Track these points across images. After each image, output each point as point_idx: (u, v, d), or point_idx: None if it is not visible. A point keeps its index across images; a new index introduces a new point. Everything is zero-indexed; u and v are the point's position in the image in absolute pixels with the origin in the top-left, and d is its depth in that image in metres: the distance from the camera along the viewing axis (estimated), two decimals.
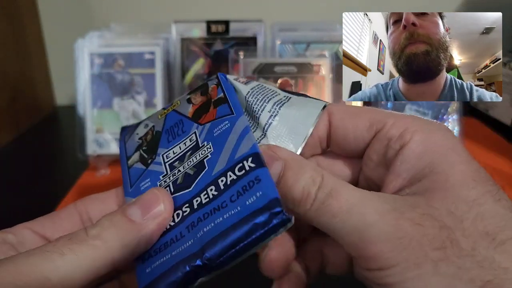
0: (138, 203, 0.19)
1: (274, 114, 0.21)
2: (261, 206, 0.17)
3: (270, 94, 0.22)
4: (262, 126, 0.21)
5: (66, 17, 0.76)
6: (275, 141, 0.21)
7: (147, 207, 0.18)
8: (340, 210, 0.17)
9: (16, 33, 0.68)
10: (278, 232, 0.17)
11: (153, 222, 0.18)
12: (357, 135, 0.20)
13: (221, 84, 0.23)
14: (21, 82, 0.69)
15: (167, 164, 0.21)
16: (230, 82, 0.23)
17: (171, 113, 0.24)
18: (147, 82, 0.51)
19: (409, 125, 0.19)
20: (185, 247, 0.18)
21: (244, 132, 0.20)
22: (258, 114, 0.21)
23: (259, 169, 0.18)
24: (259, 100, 0.22)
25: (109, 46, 0.52)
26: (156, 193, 0.19)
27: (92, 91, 0.51)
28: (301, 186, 0.18)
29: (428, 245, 0.16)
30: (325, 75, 0.46)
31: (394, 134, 0.19)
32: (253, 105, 0.22)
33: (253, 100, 0.22)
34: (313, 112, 0.21)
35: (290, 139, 0.21)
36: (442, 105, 0.48)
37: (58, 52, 0.78)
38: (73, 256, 0.16)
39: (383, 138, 0.19)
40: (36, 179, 0.53)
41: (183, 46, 0.52)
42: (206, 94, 0.23)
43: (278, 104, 0.21)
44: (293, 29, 0.52)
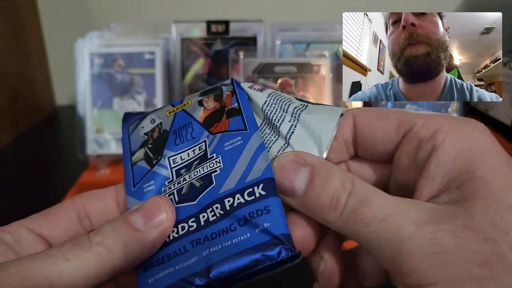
0: (141, 210, 0.18)
1: (295, 122, 0.21)
2: (269, 239, 0.17)
3: (287, 102, 0.21)
4: (284, 136, 0.20)
5: (66, 17, 0.76)
6: (299, 149, 0.20)
7: (150, 215, 0.18)
8: (373, 220, 0.16)
9: (16, 33, 0.68)
10: (285, 266, 0.17)
11: (156, 230, 0.18)
12: (385, 137, 0.19)
13: (236, 92, 0.22)
14: (21, 82, 0.69)
15: (174, 170, 0.21)
16: (245, 90, 0.22)
17: (181, 112, 0.23)
18: (147, 82, 0.51)
19: (441, 124, 0.17)
20: (189, 264, 0.18)
21: (258, 152, 0.19)
22: (278, 124, 0.21)
23: (270, 198, 0.18)
24: (277, 110, 0.21)
25: (109, 46, 0.52)
26: (158, 201, 0.19)
27: (92, 91, 0.51)
28: (330, 193, 0.17)
29: (472, 261, 0.14)
30: (325, 75, 0.46)
31: (425, 134, 0.18)
32: (272, 114, 0.21)
33: (271, 110, 0.21)
34: (333, 117, 0.20)
35: (314, 145, 0.20)
36: (442, 105, 0.48)
37: (58, 52, 0.78)
38: (77, 262, 0.16)
39: (413, 140, 0.18)
40: (36, 179, 0.53)
41: (183, 46, 0.52)
42: (220, 100, 0.22)
43: (297, 112, 0.21)
44: (293, 29, 0.52)
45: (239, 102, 0.21)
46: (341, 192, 0.17)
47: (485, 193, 0.16)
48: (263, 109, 0.21)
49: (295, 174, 0.18)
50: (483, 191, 0.16)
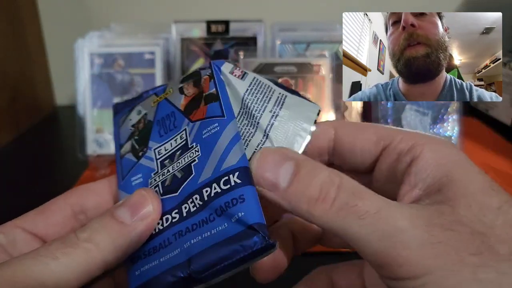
0: (127, 204, 0.19)
1: (276, 114, 0.20)
2: (244, 229, 0.17)
3: (268, 92, 0.21)
4: (264, 128, 0.20)
5: (66, 17, 0.76)
6: (279, 145, 0.20)
7: (135, 208, 0.18)
8: (367, 213, 0.16)
9: (16, 33, 0.68)
10: (262, 255, 0.17)
11: (142, 223, 0.18)
12: (364, 150, 0.20)
13: (214, 77, 0.21)
14: (21, 82, 0.69)
15: (159, 161, 0.21)
16: (224, 74, 0.22)
17: (163, 102, 0.23)
18: (147, 82, 0.51)
19: (418, 139, 0.18)
20: (172, 256, 0.18)
21: (234, 140, 0.19)
22: (259, 114, 0.20)
23: (245, 187, 0.17)
24: (259, 99, 0.21)
25: (109, 46, 0.52)
26: (144, 194, 0.19)
27: (92, 91, 0.51)
28: (318, 185, 0.17)
29: (464, 250, 0.15)
30: (325, 75, 0.46)
31: (403, 148, 0.19)
32: (253, 103, 0.21)
33: (252, 99, 0.21)
34: (310, 117, 0.21)
35: (292, 142, 0.20)
36: (442, 105, 0.48)
37: (58, 52, 0.78)
38: (66, 260, 0.16)
39: (393, 153, 0.19)
40: (36, 179, 0.53)
41: (183, 46, 0.52)
42: (198, 85, 0.22)
43: (278, 104, 0.21)
44: (293, 29, 0.52)
45: (217, 87, 0.21)
46: (329, 185, 0.17)
47: (466, 193, 0.16)
48: (244, 98, 0.21)
49: (279, 167, 0.18)
50: (463, 192, 0.16)
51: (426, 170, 0.17)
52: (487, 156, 0.54)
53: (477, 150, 0.55)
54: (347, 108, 0.50)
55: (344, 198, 0.16)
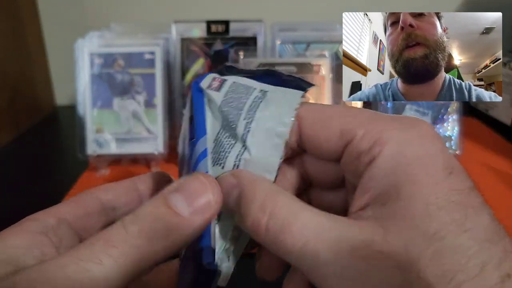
0: (184, 191, 0.17)
1: (250, 120, 0.20)
2: (198, 249, 0.17)
3: (244, 96, 0.20)
4: (241, 137, 0.20)
5: (66, 17, 0.77)
6: (257, 151, 0.19)
7: (194, 198, 0.17)
8: (293, 248, 0.16)
9: (16, 33, 0.68)
10: (216, 279, 0.18)
11: (200, 218, 0.16)
12: (329, 146, 0.19)
13: (191, 97, 0.21)
14: (21, 82, 0.69)
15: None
16: (204, 90, 0.21)
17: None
18: (147, 82, 0.51)
19: (380, 135, 0.17)
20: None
21: (199, 160, 0.19)
22: (234, 125, 0.20)
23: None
24: (233, 108, 0.20)
25: (109, 46, 0.52)
26: (203, 180, 0.17)
27: (92, 91, 0.51)
28: (251, 216, 0.17)
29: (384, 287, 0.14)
30: (325, 75, 0.46)
31: (364, 147, 0.17)
32: (229, 115, 0.20)
33: (227, 110, 0.20)
34: (291, 108, 0.19)
35: (270, 145, 0.19)
36: (442, 105, 0.48)
37: (58, 52, 0.78)
38: (112, 263, 0.14)
39: (354, 151, 0.18)
40: (36, 179, 0.53)
41: (183, 46, 0.52)
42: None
43: (253, 107, 0.20)
44: (293, 29, 0.52)
45: (192, 109, 0.21)
46: (260, 216, 0.17)
47: (404, 216, 0.15)
48: (220, 110, 0.20)
49: (228, 196, 0.18)
50: (403, 214, 0.15)
51: (377, 179, 0.16)
52: (487, 156, 0.54)
53: (477, 150, 0.55)
54: None
55: (274, 231, 0.16)
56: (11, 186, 0.52)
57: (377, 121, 0.18)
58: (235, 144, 0.20)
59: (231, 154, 0.20)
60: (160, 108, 0.51)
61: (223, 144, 0.20)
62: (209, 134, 0.20)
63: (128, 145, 0.51)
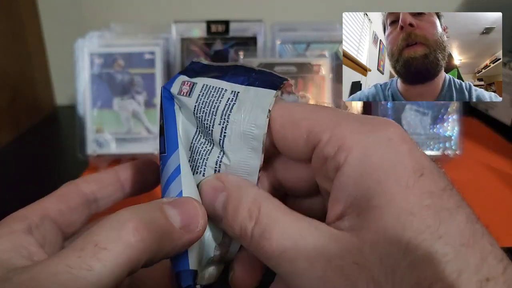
0: (178, 207, 0.17)
1: (225, 125, 0.19)
2: (176, 272, 0.18)
3: (216, 99, 0.20)
4: (218, 142, 0.19)
5: (66, 17, 0.77)
6: (234, 157, 0.19)
7: (187, 218, 0.17)
8: (273, 255, 0.16)
9: (16, 33, 0.68)
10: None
11: (188, 236, 0.17)
12: (297, 148, 0.18)
13: (162, 105, 0.21)
14: (21, 82, 0.69)
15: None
16: (175, 96, 0.21)
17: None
18: (147, 82, 0.51)
19: (345, 140, 0.16)
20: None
21: (172, 177, 0.19)
22: (210, 131, 0.19)
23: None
24: (206, 113, 0.20)
25: (109, 46, 0.52)
26: (196, 207, 0.18)
27: (92, 91, 0.51)
28: (239, 221, 0.17)
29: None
30: (325, 75, 0.46)
31: (329, 152, 0.17)
32: (203, 121, 0.20)
33: (201, 115, 0.20)
34: (264, 110, 0.19)
35: (248, 148, 0.19)
36: (442, 105, 0.48)
37: (58, 52, 0.78)
38: (102, 268, 0.14)
39: (320, 156, 0.17)
40: (36, 179, 0.53)
41: (183, 46, 0.52)
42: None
43: (226, 111, 0.19)
44: (293, 29, 0.52)
45: (163, 118, 0.21)
46: (247, 221, 0.17)
47: (377, 227, 0.15)
48: (195, 116, 0.20)
49: (214, 201, 0.18)
50: (375, 224, 0.15)
51: (348, 188, 0.16)
52: (487, 156, 0.54)
53: (477, 150, 0.55)
54: (347, 108, 0.50)
55: (257, 237, 0.17)
56: (11, 186, 0.52)
57: (344, 123, 0.17)
58: (212, 150, 0.20)
59: (210, 160, 0.20)
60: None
61: (199, 151, 0.20)
62: (183, 145, 0.20)
63: (128, 145, 0.51)
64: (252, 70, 0.20)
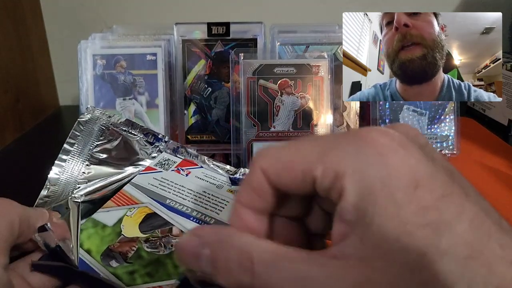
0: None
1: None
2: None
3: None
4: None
5: (69, 20, 0.77)
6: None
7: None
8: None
9: (20, 35, 0.69)
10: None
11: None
12: (298, 189, 0.18)
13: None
14: (25, 83, 0.70)
15: None
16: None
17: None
18: (149, 83, 0.52)
19: (338, 168, 0.16)
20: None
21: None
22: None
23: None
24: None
25: (111, 48, 0.53)
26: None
27: (95, 92, 0.52)
28: (235, 280, 0.17)
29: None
30: (324, 76, 0.46)
31: (327, 185, 0.17)
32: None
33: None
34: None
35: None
36: (439, 105, 0.48)
37: (61, 53, 0.79)
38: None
39: (321, 191, 0.17)
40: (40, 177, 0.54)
41: (184, 48, 0.53)
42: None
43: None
44: (292, 31, 0.53)
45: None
46: (243, 277, 0.16)
47: (384, 254, 0.15)
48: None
49: (198, 259, 0.18)
50: (381, 251, 0.15)
51: (347, 214, 0.16)
52: (484, 156, 0.54)
53: (474, 150, 0.56)
54: (346, 109, 0.51)
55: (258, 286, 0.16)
56: (15, 185, 0.52)
57: (331, 151, 0.17)
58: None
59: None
60: (162, 108, 0.52)
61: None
62: None
63: None
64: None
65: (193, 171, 0.37)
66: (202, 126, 0.53)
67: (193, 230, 0.19)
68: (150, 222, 0.31)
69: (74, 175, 0.37)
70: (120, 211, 0.32)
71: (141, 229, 0.30)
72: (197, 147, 0.52)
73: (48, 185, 0.35)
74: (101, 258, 0.27)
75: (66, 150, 0.38)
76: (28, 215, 0.26)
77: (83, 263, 0.27)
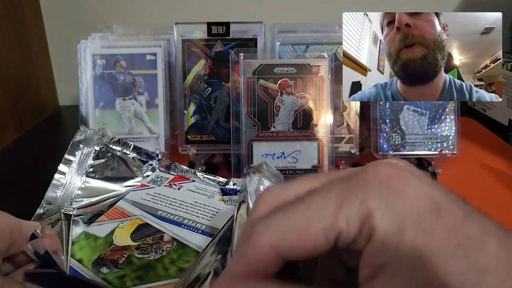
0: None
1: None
2: None
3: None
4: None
5: (69, 19, 0.77)
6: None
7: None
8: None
9: (19, 35, 0.69)
10: None
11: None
12: (319, 250, 0.17)
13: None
14: (25, 83, 0.70)
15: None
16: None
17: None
18: (149, 83, 0.52)
19: (363, 213, 0.16)
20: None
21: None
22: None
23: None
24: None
25: (111, 48, 0.53)
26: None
27: (95, 92, 0.52)
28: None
29: None
30: (324, 75, 0.46)
31: (352, 234, 0.16)
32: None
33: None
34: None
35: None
36: (439, 105, 0.48)
37: (61, 53, 0.79)
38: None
39: (344, 242, 0.17)
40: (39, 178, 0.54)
41: (184, 47, 0.53)
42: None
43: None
44: (292, 31, 0.53)
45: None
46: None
47: (423, 283, 0.15)
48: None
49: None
50: (419, 280, 0.15)
51: (377, 257, 0.16)
52: (484, 156, 0.54)
53: (474, 149, 0.56)
54: (346, 108, 0.51)
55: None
56: (15, 185, 0.52)
57: (348, 197, 0.16)
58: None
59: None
60: (161, 108, 0.52)
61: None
62: None
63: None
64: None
65: (185, 185, 0.38)
66: (202, 126, 0.53)
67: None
68: (142, 231, 0.31)
69: (68, 194, 0.38)
70: (112, 223, 0.32)
71: (132, 238, 0.30)
72: (197, 147, 0.52)
73: (44, 204, 0.36)
74: (92, 266, 0.28)
75: (61, 172, 0.39)
76: (20, 225, 0.27)
77: (73, 271, 0.27)
